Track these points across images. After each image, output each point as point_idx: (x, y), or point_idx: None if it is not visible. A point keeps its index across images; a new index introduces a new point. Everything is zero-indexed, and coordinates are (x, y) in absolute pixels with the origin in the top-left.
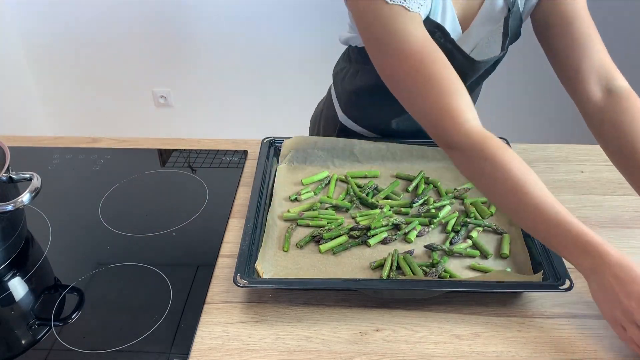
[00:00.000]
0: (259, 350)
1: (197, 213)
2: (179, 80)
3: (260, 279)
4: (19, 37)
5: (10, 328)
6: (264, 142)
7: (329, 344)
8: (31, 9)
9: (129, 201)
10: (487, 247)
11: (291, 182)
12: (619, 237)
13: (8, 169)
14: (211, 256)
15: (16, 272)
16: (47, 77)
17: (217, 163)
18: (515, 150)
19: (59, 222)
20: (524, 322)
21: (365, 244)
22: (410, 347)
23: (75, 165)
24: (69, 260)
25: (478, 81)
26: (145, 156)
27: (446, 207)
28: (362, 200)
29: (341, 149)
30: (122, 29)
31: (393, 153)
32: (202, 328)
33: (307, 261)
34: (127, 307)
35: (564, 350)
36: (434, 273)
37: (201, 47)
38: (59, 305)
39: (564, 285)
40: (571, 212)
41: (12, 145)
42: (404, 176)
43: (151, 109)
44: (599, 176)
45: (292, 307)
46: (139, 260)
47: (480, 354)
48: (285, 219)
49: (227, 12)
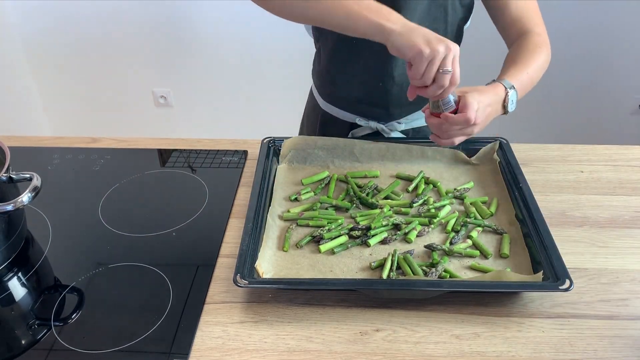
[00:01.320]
0: (259, 350)
1: (197, 213)
2: (179, 80)
3: (260, 279)
4: (19, 37)
5: (10, 328)
6: (264, 142)
7: (329, 344)
8: (31, 9)
9: (129, 201)
10: (487, 247)
11: (291, 182)
12: (619, 237)
13: (8, 169)
14: (211, 256)
15: (16, 272)
16: (47, 77)
17: (217, 163)
18: (515, 150)
19: (59, 222)
20: (524, 322)
21: (365, 244)
22: (410, 347)
23: (75, 165)
24: (69, 260)
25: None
26: (145, 156)
27: (446, 207)
28: (362, 200)
29: (341, 149)
30: (122, 29)
31: (393, 153)
32: (202, 328)
33: (307, 261)
34: (127, 307)
35: (564, 350)
36: (434, 273)
37: (201, 47)
38: (59, 305)
39: (563, 285)
40: (571, 212)
41: (12, 145)
42: (404, 176)
43: (151, 109)
44: (599, 176)
45: (292, 307)
46: (139, 260)
47: (480, 354)
48: (285, 219)
49: (227, 12)
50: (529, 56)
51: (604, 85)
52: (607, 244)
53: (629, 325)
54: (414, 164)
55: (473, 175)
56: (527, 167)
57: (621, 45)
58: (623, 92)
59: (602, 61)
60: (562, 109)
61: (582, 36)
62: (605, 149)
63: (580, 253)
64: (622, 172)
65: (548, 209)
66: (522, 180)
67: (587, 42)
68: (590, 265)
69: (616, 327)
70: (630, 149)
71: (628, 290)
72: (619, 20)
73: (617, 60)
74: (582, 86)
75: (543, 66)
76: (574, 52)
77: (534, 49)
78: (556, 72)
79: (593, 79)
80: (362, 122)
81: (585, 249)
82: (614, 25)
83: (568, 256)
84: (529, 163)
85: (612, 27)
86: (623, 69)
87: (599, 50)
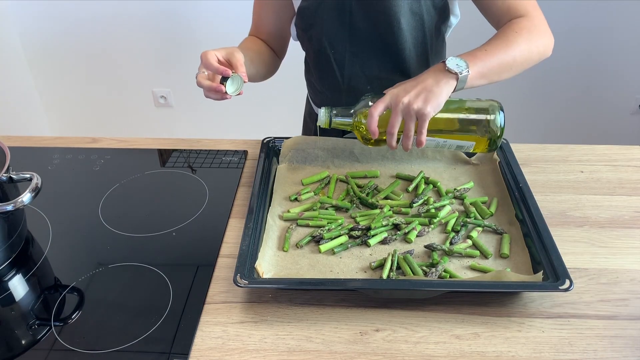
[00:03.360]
0: (259, 350)
1: (197, 213)
2: (179, 80)
3: (260, 279)
4: (19, 37)
5: (10, 328)
6: (264, 142)
7: (329, 344)
8: (31, 9)
9: (129, 201)
10: (487, 247)
11: (291, 182)
12: (619, 237)
13: (8, 169)
14: (211, 256)
15: (16, 272)
16: (47, 77)
17: (217, 163)
18: (515, 150)
19: (59, 222)
20: (524, 322)
21: (365, 244)
22: (410, 347)
23: (75, 165)
24: (69, 260)
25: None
26: (145, 156)
27: (446, 207)
28: (362, 200)
29: (341, 149)
30: (122, 29)
31: (393, 153)
32: (202, 328)
33: (307, 261)
34: (127, 307)
35: (564, 350)
36: (434, 273)
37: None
38: (59, 305)
39: (563, 285)
40: (571, 212)
41: (12, 145)
42: (404, 176)
43: (151, 109)
44: (599, 176)
45: (292, 307)
46: (139, 260)
47: (480, 354)
48: (285, 219)
49: (227, 12)
50: (492, 39)
51: (604, 85)
52: (607, 244)
53: (629, 325)
54: (414, 164)
55: (473, 175)
56: (527, 167)
57: (621, 45)
58: (623, 92)
59: (602, 61)
60: (562, 109)
61: (582, 36)
62: (605, 149)
63: (580, 253)
64: (622, 172)
65: (548, 209)
66: (522, 180)
67: (587, 42)
68: (590, 265)
69: (616, 327)
70: (630, 149)
71: (628, 290)
72: (619, 20)
73: (617, 60)
74: (582, 86)
75: (518, 46)
76: (574, 52)
77: (504, 31)
78: (556, 73)
79: (593, 79)
80: None
81: (585, 249)
82: (614, 25)
83: (568, 256)
84: (529, 163)
85: (612, 27)
86: (623, 69)
87: (599, 50)
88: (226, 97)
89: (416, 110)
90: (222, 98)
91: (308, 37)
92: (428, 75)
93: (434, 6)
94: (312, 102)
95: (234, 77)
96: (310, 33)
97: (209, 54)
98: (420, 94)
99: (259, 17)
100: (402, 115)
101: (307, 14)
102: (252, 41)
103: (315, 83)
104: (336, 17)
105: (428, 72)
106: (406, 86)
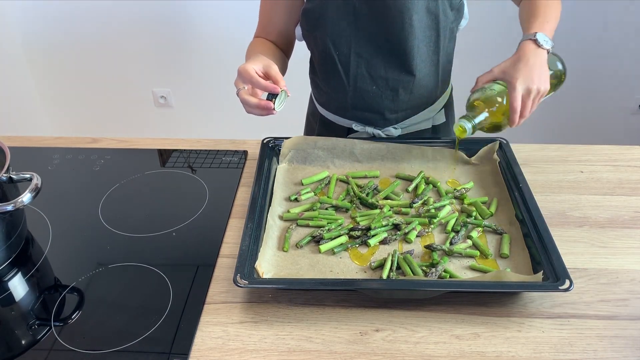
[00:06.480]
0: (259, 350)
1: (197, 213)
2: (179, 80)
3: (260, 279)
4: (19, 37)
5: (11, 328)
6: (264, 142)
7: (329, 344)
8: (31, 9)
9: (129, 201)
10: (487, 247)
11: (291, 182)
12: (618, 237)
13: (8, 169)
14: (211, 256)
15: (16, 272)
16: (47, 77)
17: (217, 163)
18: (515, 150)
19: (59, 222)
20: (524, 322)
21: (365, 244)
22: (410, 347)
23: (75, 165)
24: (69, 260)
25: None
26: (145, 156)
27: (446, 207)
28: (362, 200)
29: (341, 149)
30: (122, 29)
31: (393, 153)
32: (202, 328)
33: (307, 261)
34: (127, 307)
35: (564, 350)
36: (433, 273)
37: (201, 47)
38: (59, 305)
39: (563, 285)
40: (571, 212)
41: (12, 145)
42: (404, 176)
43: (151, 109)
44: (599, 176)
45: (292, 307)
46: (139, 260)
47: (480, 354)
48: (285, 219)
49: (227, 12)
50: (538, 9)
51: (604, 85)
52: (607, 244)
53: (629, 325)
54: (414, 164)
55: (473, 175)
56: (527, 167)
57: (621, 45)
58: (623, 92)
59: (602, 61)
60: (562, 109)
61: (582, 36)
62: (605, 149)
63: (580, 253)
64: (622, 172)
65: (548, 209)
66: (522, 180)
67: (587, 42)
68: (590, 266)
69: (616, 327)
70: (630, 149)
71: (628, 290)
72: (619, 20)
73: (617, 60)
74: (582, 86)
75: (557, 10)
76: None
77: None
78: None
79: (593, 79)
80: (358, 127)
81: (585, 249)
82: (614, 25)
83: (568, 256)
84: (529, 163)
85: (612, 27)
86: (623, 69)
87: (599, 50)
88: (272, 113)
89: (538, 89)
90: (268, 114)
91: (313, 38)
92: (529, 55)
93: (451, 7)
94: (317, 101)
95: (280, 92)
96: (315, 34)
97: (249, 70)
98: (537, 75)
99: (268, 17)
100: (527, 96)
101: (312, 16)
102: (263, 44)
103: (320, 83)
104: (340, 18)
105: (527, 52)
106: (521, 70)
